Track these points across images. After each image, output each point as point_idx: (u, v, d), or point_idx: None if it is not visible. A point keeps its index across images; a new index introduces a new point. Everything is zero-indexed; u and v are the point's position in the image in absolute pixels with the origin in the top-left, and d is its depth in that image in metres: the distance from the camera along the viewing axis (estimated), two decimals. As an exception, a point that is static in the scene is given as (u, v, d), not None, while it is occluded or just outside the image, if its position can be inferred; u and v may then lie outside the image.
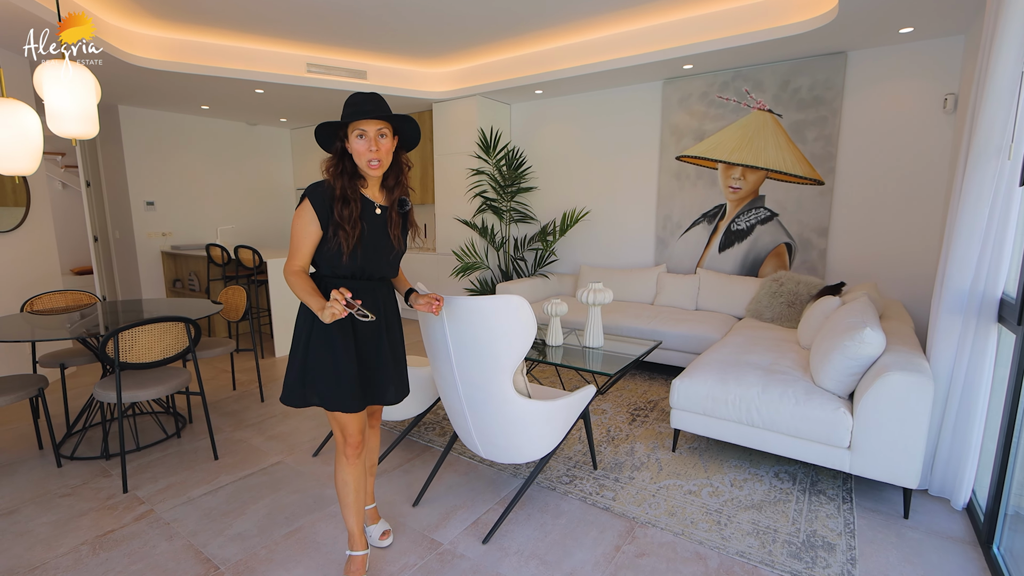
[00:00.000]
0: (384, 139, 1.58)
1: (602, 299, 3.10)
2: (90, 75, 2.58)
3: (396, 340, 1.85)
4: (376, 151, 1.57)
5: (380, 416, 2.04)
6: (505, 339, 1.94)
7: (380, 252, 1.69)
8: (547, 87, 4.70)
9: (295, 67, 4.57)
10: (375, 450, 2.06)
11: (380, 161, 1.59)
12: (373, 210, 1.67)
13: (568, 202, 5.14)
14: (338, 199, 1.58)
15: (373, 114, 1.55)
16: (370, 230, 1.65)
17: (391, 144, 1.62)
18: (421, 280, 5.74)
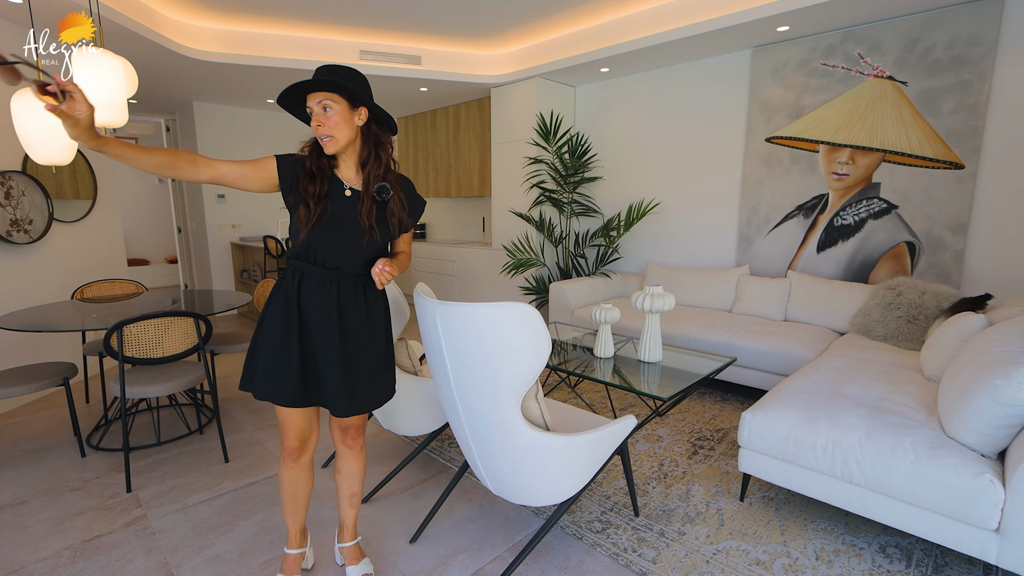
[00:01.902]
0: (331, 112, 1.43)
1: (660, 305, 2.58)
2: (121, 64, 2.51)
3: (357, 348, 1.56)
4: (322, 125, 1.43)
5: (358, 435, 1.71)
6: (509, 357, 1.53)
7: (343, 238, 1.50)
8: (614, 63, 4.18)
9: (348, 55, 4.43)
10: (354, 476, 1.74)
11: (333, 136, 1.44)
12: (342, 191, 1.52)
13: (635, 193, 4.58)
14: (306, 173, 1.48)
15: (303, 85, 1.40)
16: (334, 212, 1.49)
17: (341, 117, 1.44)
18: (476, 277, 5.44)
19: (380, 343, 1.62)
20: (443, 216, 6.62)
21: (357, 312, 1.56)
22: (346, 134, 1.46)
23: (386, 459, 2.61)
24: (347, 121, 1.45)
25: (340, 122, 1.44)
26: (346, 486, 1.75)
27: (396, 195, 1.54)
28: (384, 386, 1.66)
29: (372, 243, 1.52)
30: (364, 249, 1.51)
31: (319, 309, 1.51)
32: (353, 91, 1.42)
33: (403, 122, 6.45)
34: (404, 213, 1.57)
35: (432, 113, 6.00)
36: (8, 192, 3.22)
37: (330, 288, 1.52)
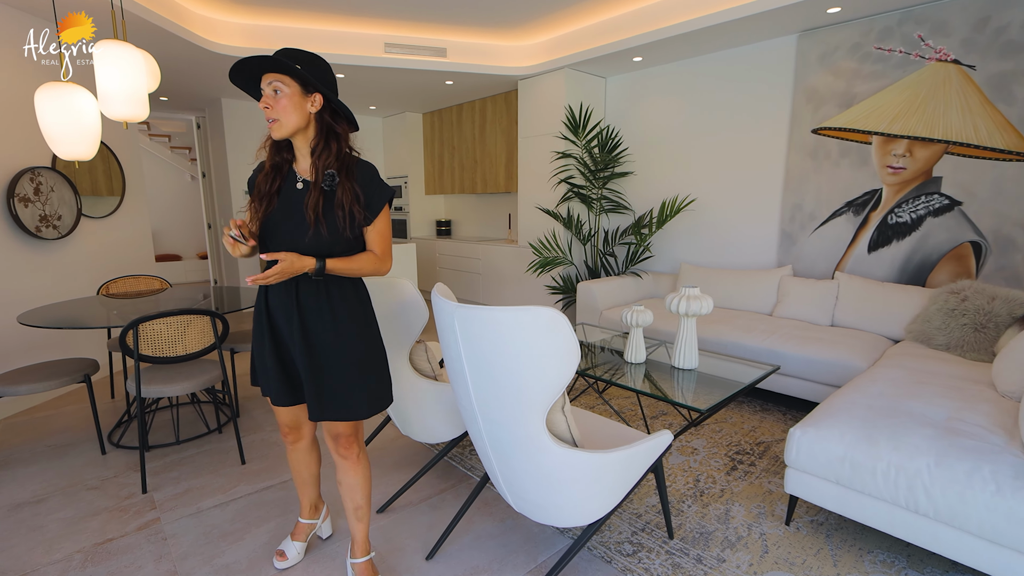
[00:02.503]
0: (280, 95, 1.36)
1: (697, 308, 2.40)
2: (142, 57, 2.46)
3: (321, 352, 1.50)
4: (269, 107, 1.36)
5: (350, 445, 1.59)
6: (534, 367, 1.39)
7: (290, 234, 1.43)
8: (648, 52, 3.97)
9: (373, 48, 4.35)
10: (354, 488, 1.64)
11: (278, 120, 1.38)
12: (295, 184, 1.47)
13: (669, 189, 4.36)
14: (264, 171, 1.46)
15: (254, 63, 1.33)
16: (281, 207, 1.44)
17: (291, 102, 1.37)
18: (501, 275, 5.31)
19: (353, 348, 1.50)
20: (468, 213, 6.51)
21: (320, 314, 1.48)
22: (294, 120, 1.39)
23: (404, 466, 2.50)
24: (297, 107, 1.38)
25: (289, 107, 1.37)
26: (348, 499, 1.66)
27: (344, 184, 1.41)
28: (366, 395, 1.53)
29: (318, 238, 1.40)
30: (310, 245, 1.40)
31: (283, 311, 1.49)
32: (305, 76, 1.36)
33: (428, 117, 6.36)
34: (356, 205, 1.42)
35: (458, 108, 5.89)
36: (37, 188, 3.24)
37: (290, 288, 1.47)
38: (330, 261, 1.42)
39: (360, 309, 1.54)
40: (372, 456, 2.58)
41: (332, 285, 1.48)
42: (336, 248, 1.44)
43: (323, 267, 1.41)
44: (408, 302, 1.94)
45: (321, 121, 1.42)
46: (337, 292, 1.49)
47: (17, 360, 3.16)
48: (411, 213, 6.54)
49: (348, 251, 1.47)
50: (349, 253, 1.47)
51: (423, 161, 6.54)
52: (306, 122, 1.41)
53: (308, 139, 1.44)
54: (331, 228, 1.42)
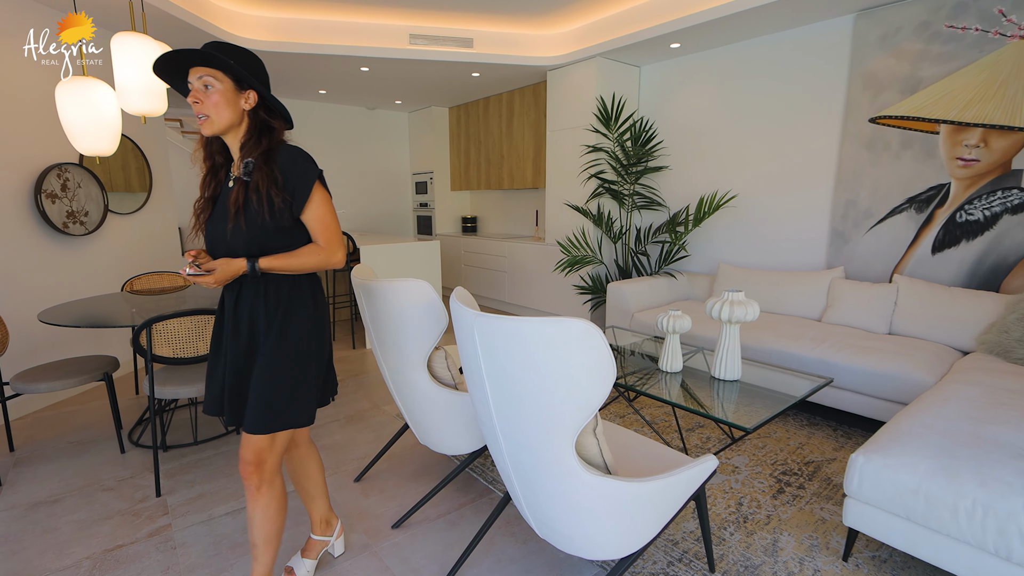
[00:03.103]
0: (211, 90, 1.29)
1: (741, 315, 2.19)
2: (160, 49, 2.39)
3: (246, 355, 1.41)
4: (199, 102, 1.29)
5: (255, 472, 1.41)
6: (563, 385, 1.23)
7: (217, 233, 1.38)
8: (687, 38, 3.73)
9: (398, 39, 4.23)
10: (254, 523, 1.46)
11: (209, 117, 1.30)
12: (228, 184, 1.41)
13: (707, 184, 4.11)
14: (203, 177, 1.42)
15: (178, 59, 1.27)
16: (217, 209, 1.40)
17: (223, 97, 1.30)
18: (527, 274, 5.14)
19: (271, 355, 1.37)
20: (495, 209, 6.36)
21: (253, 317, 1.40)
22: (224, 116, 1.31)
23: (423, 476, 2.37)
24: (229, 103, 1.31)
25: (221, 102, 1.30)
26: (256, 531, 1.46)
27: (262, 168, 1.31)
28: (268, 408, 1.37)
29: (238, 233, 1.33)
30: (234, 242, 1.34)
31: (229, 312, 1.43)
32: (237, 71, 1.29)
33: (454, 111, 6.23)
34: (274, 187, 1.30)
35: (484, 101, 5.73)
36: (64, 184, 3.23)
37: (233, 288, 1.41)
38: (263, 259, 1.33)
39: (296, 313, 1.41)
40: (389, 464, 2.46)
41: (269, 286, 1.39)
42: (268, 243, 1.34)
43: (255, 267, 1.33)
44: (426, 306, 1.80)
45: (255, 118, 1.36)
46: (273, 293, 1.39)
47: (44, 355, 3.17)
48: (436, 210, 6.43)
49: (288, 246, 1.38)
50: (289, 248, 1.38)
51: (449, 156, 6.42)
52: (239, 119, 1.35)
53: (238, 137, 1.37)
54: (249, 219, 1.31)
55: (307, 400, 1.44)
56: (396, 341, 1.90)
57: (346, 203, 6.37)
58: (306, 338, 1.42)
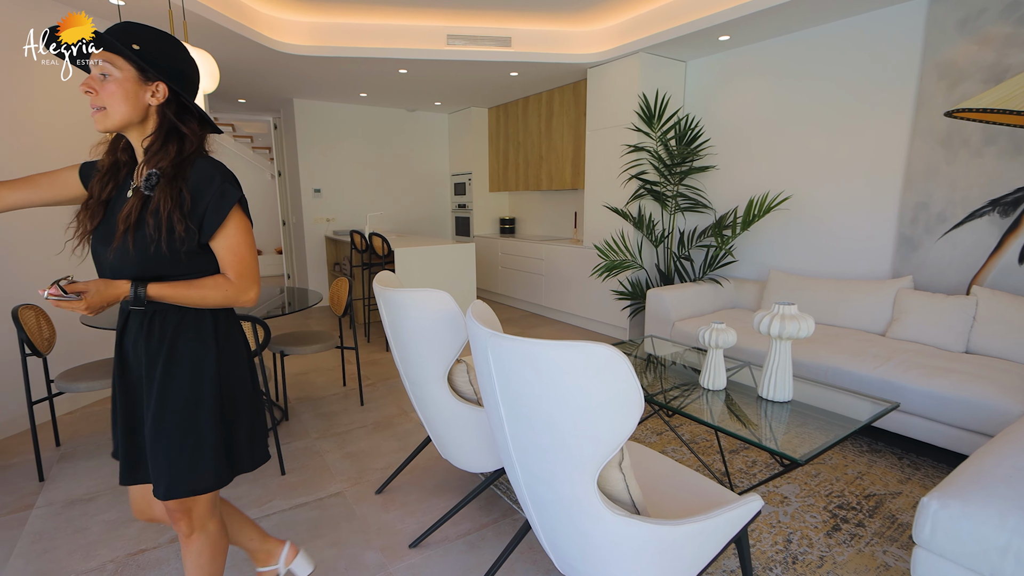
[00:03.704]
0: (109, 79, 1.08)
1: (794, 331, 1.98)
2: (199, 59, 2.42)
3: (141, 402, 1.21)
4: (93, 92, 1.09)
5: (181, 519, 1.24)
6: (584, 419, 1.10)
7: (102, 251, 1.15)
8: (738, 29, 3.48)
9: (436, 40, 4.18)
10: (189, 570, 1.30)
11: (103, 109, 1.09)
12: (125, 192, 1.18)
13: (757, 185, 3.84)
14: (98, 172, 1.19)
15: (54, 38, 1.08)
16: (106, 219, 1.17)
17: (120, 88, 1.09)
18: (565, 277, 4.99)
19: (172, 404, 1.16)
20: (532, 211, 6.24)
21: (141, 351, 1.17)
22: (123, 111, 1.10)
23: (445, 491, 2.28)
24: (129, 95, 1.10)
25: (119, 93, 1.09)
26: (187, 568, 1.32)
27: (165, 187, 1.10)
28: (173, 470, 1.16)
29: (123, 254, 1.11)
30: (116, 264, 1.12)
31: (119, 346, 1.23)
32: (139, 60, 1.08)
33: (493, 112, 6.15)
34: (178, 212, 1.09)
35: (523, 101, 5.62)
36: (113, 187, 3.34)
37: (120, 318, 1.23)
38: (153, 286, 1.10)
39: (194, 354, 1.18)
40: (411, 477, 2.39)
41: (156, 317, 1.17)
42: (164, 268, 1.12)
43: (141, 294, 1.10)
44: (447, 318, 1.70)
45: (163, 117, 1.14)
46: (159, 326, 1.17)
47: (90, 354, 3.28)
48: (474, 211, 6.38)
49: (189, 273, 1.15)
50: (190, 277, 1.16)
51: (487, 157, 6.35)
52: (142, 115, 1.13)
53: (142, 134, 1.15)
54: (139, 243, 1.10)
55: (211, 462, 1.19)
56: (416, 353, 1.82)
57: (386, 205, 6.41)
58: (207, 383, 1.19)
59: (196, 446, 1.18)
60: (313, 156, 5.84)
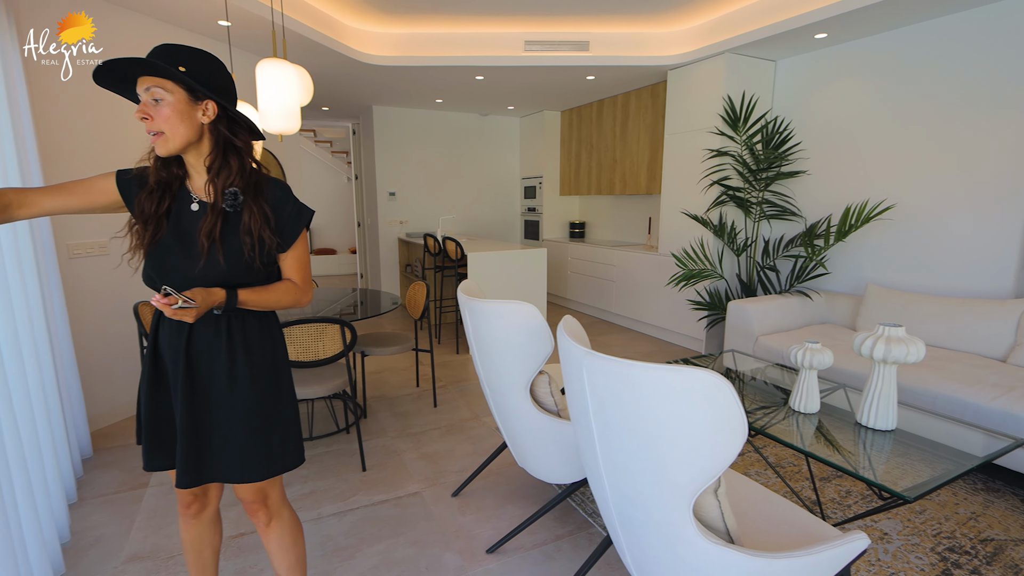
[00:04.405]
0: (162, 104, 1.11)
1: (901, 355, 1.84)
2: (297, 73, 2.58)
3: (210, 403, 1.25)
4: (149, 118, 1.12)
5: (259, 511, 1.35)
6: (684, 445, 1.08)
7: (176, 264, 1.19)
8: (837, 26, 3.26)
9: (513, 47, 4.22)
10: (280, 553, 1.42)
11: (162, 133, 1.13)
12: (188, 206, 1.23)
13: (853, 192, 3.58)
14: (146, 188, 1.20)
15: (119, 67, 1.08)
16: (172, 232, 1.20)
17: (175, 111, 1.12)
18: (637, 284, 4.89)
19: (250, 398, 1.25)
20: (604, 215, 6.15)
21: (214, 357, 1.23)
22: (181, 133, 1.14)
23: (519, 498, 2.30)
24: (184, 117, 1.13)
25: (173, 116, 1.12)
26: (276, 563, 1.45)
27: (252, 206, 1.19)
28: (262, 455, 1.27)
29: (214, 266, 1.17)
30: (202, 276, 1.17)
31: (171, 351, 1.24)
32: (189, 81, 1.12)
33: (566, 115, 6.12)
34: (267, 229, 1.20)
35: (598, 104, 5.55)
36: (218, 193, 3.64)
37: (183, 326, 1.23)
38: (243, 292, 1.20)
39: (267, 351, 1.30)
40: (486, 482, 2.43)
41: (234, 321, 1.25)
42: (245, 278, 1.22)
43: (234, 299, 1.18)
44: (533, 330, 1.71)
45: (216, 133, 1.18)
46: (239, 329, 1.25)
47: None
48: (544, 214, 6.38)
49: (260, 281, 1.25)
50: (260, 283, 1.25)
51: (559, 161, 6.33)
52: (198, 134, 1.17)
53: (202, 154, 1.20)
54: (233, 257, 1.18)
55: (294, 442, 1.34)
56: (499, 363, 1.84)
57: (456, 208, 6.55)
58: (284, 378, 1.33)
59: (283, 431, 1.31)
60: (389, 160, 6.07)
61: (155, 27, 3.13)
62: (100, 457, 2.68)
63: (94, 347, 2.92)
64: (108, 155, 2.92)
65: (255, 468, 1.26)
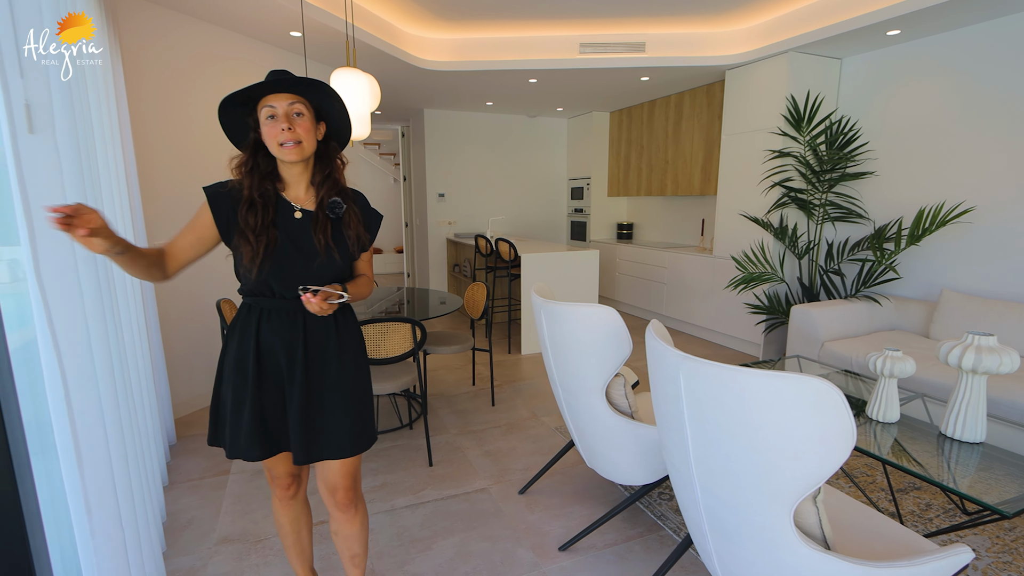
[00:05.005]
0: (302, 118, 1.26)
1: (993, 366, 1.78)
2: (368, 81, 2.69)
3: (325, 386, 1.37)
4: (291, 130, 1.24)
5: (349, 496, 1.47)
6: (788, 451, 1.09)
7: (296, 266, 1.31)
8: (912, 23, 3.14)
9: (567, 50, 4.24)
10: (353, 538, 1.53)
11: (300, 143, 1.26)
12: (292, 214, 1.34)
13: (926, 193, 3.44)
14: (244, 202, 1.28)
15: (279, 85, 1.23)
16: (285, 240, 1.31)
17: (312, 125, 1.29)
18: (689, 286, 4.83)
19: (352, 380, 1.41)
20: (654, 216, 6.09)
21: (327, 346, 1.38)
22: (311, 144, 1.30)
23: (585, 498, 2.32)
24: (311, 132, 1.29)
25: (310, 130, 1.28)
26: (345, 548, 1.55)
27: (351, 209, 1.39)
28: (361, 430, 1.42)
29: (330, 265, 1.34)
30: (318, 273, 1.32)
31: (283, 346, 1.33)
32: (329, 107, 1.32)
33: (616, 116, 6.09)
34: (361, 228, 1.40)
35: (650, 104, 5.51)
36: (285, 195, 3.80)
37: (296, 321, 1.34)
38: (349, 286, 1.37)
39: (359, 338, 1.48)
40: (551, 481, 2.46)
41: (339, 315, 1.41)
42: (342, 275, 1.38)
43: (345, 295, 1.31)
44: (612, 332, 1.73)
45: (326, 150, 1.37)
46: (342, 319, 1.42)
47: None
48: (591, 216, 6.37)
49: (349, 278, 1.44)
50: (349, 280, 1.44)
51: (607, 162, 6.31)
52: (314, 149, 1.33)
53: (309, 166, 1.35)
54: (344, 255, 1.36)
55: (373, 418, 1.51)
56: (575, 365, 1.87)
57: (503, 209, 6.62)
58: (365, 358, 1.49)
59: (370, 410, 1.48)
60: (439, 162, 6.19)
61: (227, 37, 3.29)
62: (183, 444, 2.85)
63: (175, 340, 3.11)
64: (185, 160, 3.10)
65: (355, 443, 1.41)
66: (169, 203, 3.02)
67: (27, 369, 1.23)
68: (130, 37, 2.77)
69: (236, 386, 1.34)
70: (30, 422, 1.25)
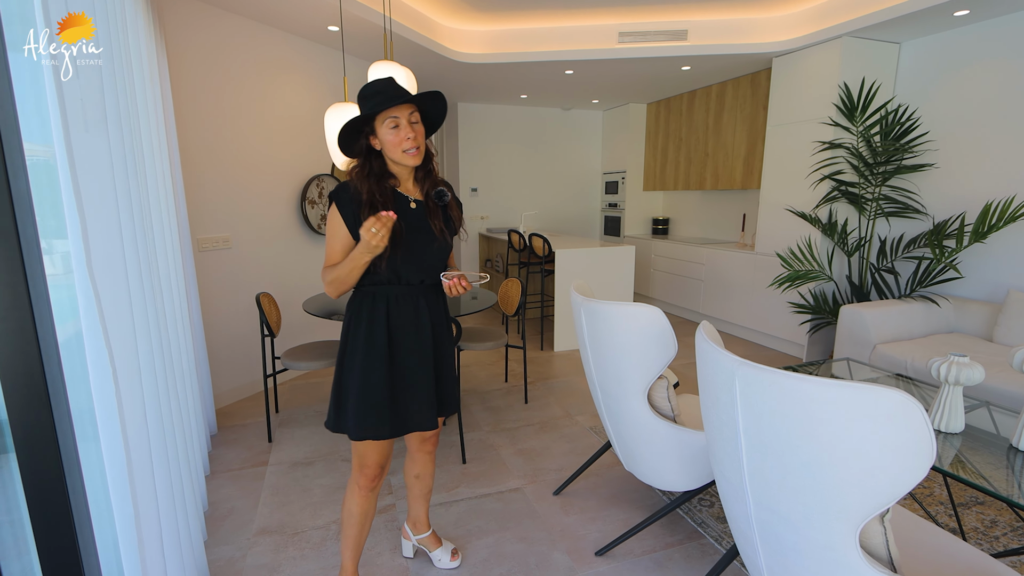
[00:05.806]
0: (418, 125, 1.44)
1: (1080, 375, 1.61)
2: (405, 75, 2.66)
3: (443, 355, 1.61)
4: (414, 137, 1.42)
5: (436, 441, 1.78)
6: (860, 467, 1.01)
7: (420, 250, 1.49)
8: (983, 1, 2.92)
9: (606, 39, 4.13)
10: (430, 476, 1.84)
11: (419, 149, 1.45)
12: (408, 206, 1.51)
13: (992, 187, 3.20)
14: (366, 205, 1.41)
15: (404, 98, 1.39)
16: (406, 229, 1.47)
17: (423, 129, 1.48)
18: (728, 284, 4.66)
19: (452, 352, 1.66)
20: (691, 211, 5.91)
21: (442, 321, 1.60)
22: (425, 148, 1.49)
23: (621, 502, 2.26)
24: (423, 136, 1.49)
25: (423, 135, 1.48)
26: (423, 487, 1.83)
27: (453, 199, 1.58)
28: (457, 393, 1.69)
29: (444, 248, 1.53)
30: (437, 256, 1.52)
31: (413, 327, 1.51)
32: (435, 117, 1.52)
33: (653, 107, 5.93)
34: (459, 212, 1.60)
35: (689, 95, 5.33)
36: (321, 191, 3.84)
37: (419, 303, 1.52)
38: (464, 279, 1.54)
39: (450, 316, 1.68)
40: (587, 483, 2.41)
41: (439, 291, 1.60)
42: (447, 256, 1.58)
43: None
44: (657, 333, 1.66)
45: (429, 151, 1.54)
46: (443, 297, 1.62)
47: (306, 336, 3.80)
48: (626, 210, 6.23)
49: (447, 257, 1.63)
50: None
51: (643, 155, 6.15)
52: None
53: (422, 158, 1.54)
54: (452, 236, 1.56)
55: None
56: (617, 367, 1.80)
57: (536, 204, 6.55)
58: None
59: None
60: (472, 157, 6.15)
61: (265, 32, 3.32)
62: (223, 435, 2.91)
63: (217, 332, 3.17)
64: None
65: (456, 403, 1.67)
66: (210, 197, 3.08)
67: (70, 361, 1.25)
68: (172, 32, 2.82)
69: (369, 369, 1.47)
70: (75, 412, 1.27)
